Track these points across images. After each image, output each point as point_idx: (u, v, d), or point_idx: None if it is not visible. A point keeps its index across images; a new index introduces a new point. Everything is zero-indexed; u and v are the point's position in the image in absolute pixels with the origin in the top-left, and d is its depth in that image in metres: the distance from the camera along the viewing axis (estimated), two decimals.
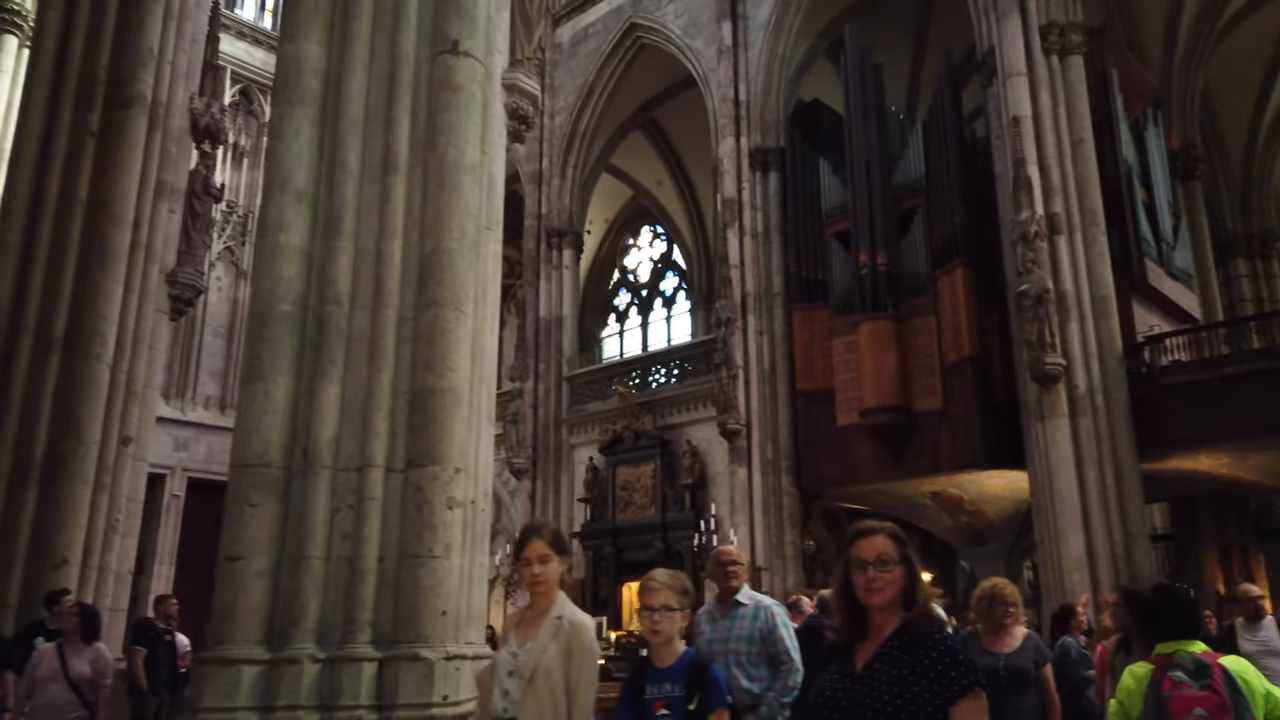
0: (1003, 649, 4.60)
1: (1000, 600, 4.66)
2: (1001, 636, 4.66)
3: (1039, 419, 12.59)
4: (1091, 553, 11.83)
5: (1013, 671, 4.50)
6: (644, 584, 2.96)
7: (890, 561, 2.16)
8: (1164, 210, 15.08)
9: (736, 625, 4.36)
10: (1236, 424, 11.67)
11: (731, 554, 4.65)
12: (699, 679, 2.83)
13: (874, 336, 14.86)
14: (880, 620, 2.17)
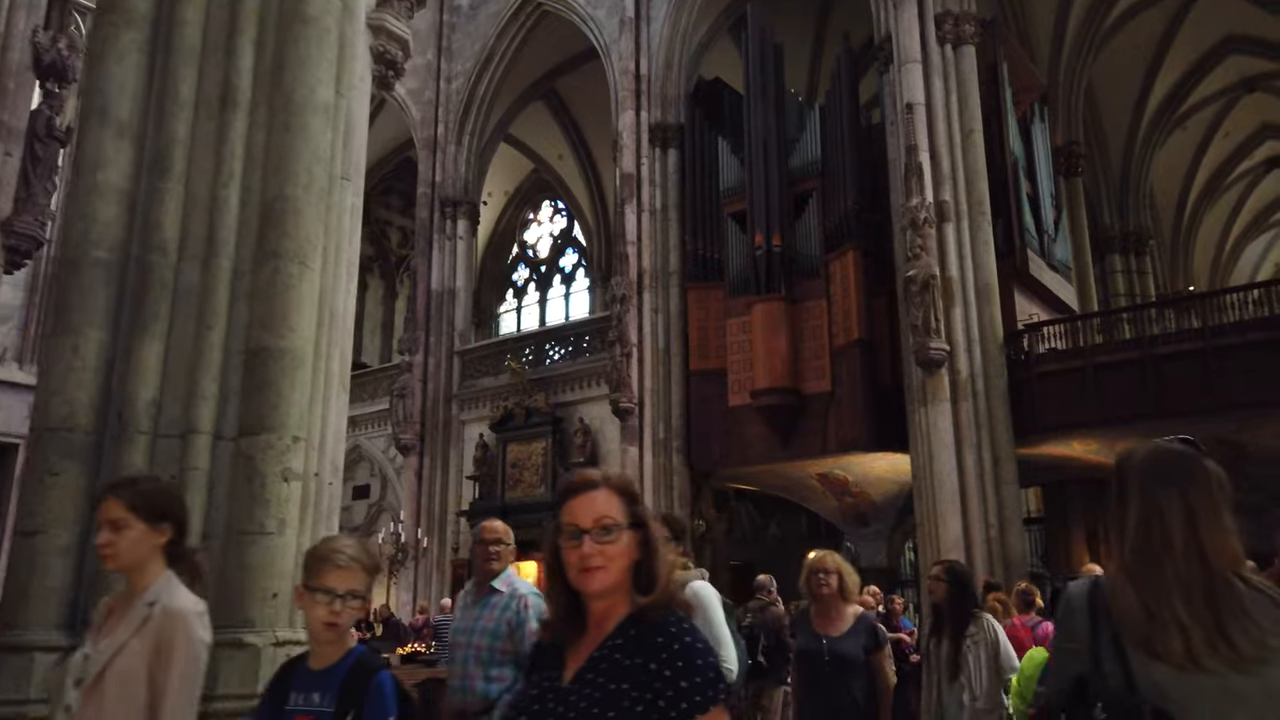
0: (829, 631, 4.19)
1: (816, 569, 4.22)
2: (830, 617, 4.23)
3: (922, 403, 12.79)
4: (968, 535, 12.11)
5: (838, 658, 4.09)
6: (323, 554, 2.24)
7: (614, 527, 1.59)
8: (1046, 204, 15.52)
9: (485, 615, 3.72)
10: (1107, 411, 12.09)
11: (495, 530, 4.00)
12: (357, 689, 2.16)
13: (767, 318, 14.86)
14: (602, 610, 1.62)
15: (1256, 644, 1.45)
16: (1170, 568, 1.50)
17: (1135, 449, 1.66)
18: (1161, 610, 1.49)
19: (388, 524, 18.45)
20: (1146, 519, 1.54)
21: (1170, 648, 1.48)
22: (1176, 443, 1.63)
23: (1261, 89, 20.98)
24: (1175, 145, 22.11)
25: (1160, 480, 1.56)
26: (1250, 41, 19.45)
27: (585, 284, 26.71)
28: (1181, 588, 1.49)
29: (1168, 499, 1.53)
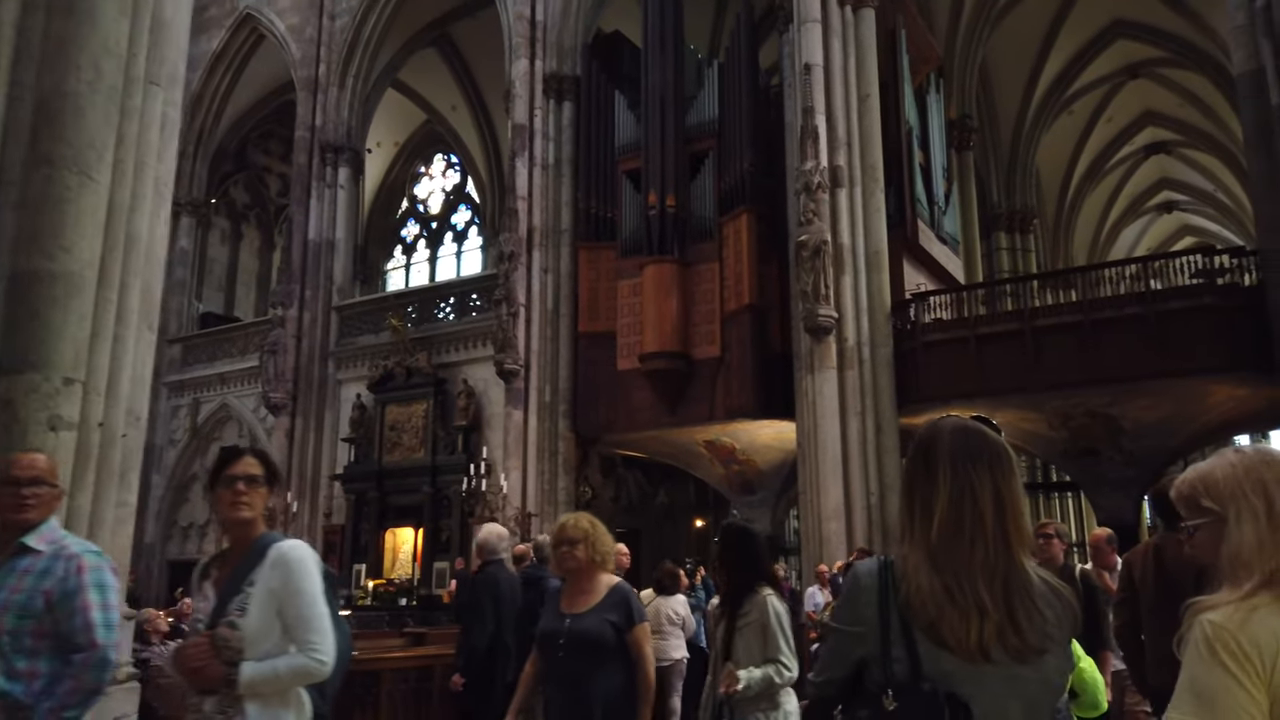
0: (574, 609, 3.38)
1: (559, 540, 3.43)
2: (578, 592, 3.42)
3: (810, 370, 12.66)
4: (849, 502, 12.07)
5: (576, 639, 3.29)
6: None
7: None
8: (939, 175, 15.57)
9: (12, 584, 2.55)
10: (988, 382, 12.21)
11: (34, 466, 2.69)
12: None
13: (658, 280, 14.48)
14: None
15: (1040, 634, 1.44)
16: (980, 550, 1.46)
17: (941, 423, 1.60)
18: (965, 594, 1.45)
19: None
20: (959, 498, 1.49)
21: (962, 635, 1.44)
22: (978, 422, 1.60)
23: (1145, 75, 21.63)
24: (1062, 128, 22.66)
25: (971, 459, 1.51)
26: (1137, 27, 19.95)
27: (478, 242, 25.81)
28: (987, 572, 1.46)
29: (979, 478, 1.49)
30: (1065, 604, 1.52)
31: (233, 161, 24.53)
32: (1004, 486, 1.50)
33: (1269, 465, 1.35)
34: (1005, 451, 1.55)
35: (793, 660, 3.52)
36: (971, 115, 18.58)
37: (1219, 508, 1.36)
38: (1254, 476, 1.34)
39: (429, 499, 16.18)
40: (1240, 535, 1.32)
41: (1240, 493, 1.34)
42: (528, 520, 14.58)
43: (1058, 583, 1.54)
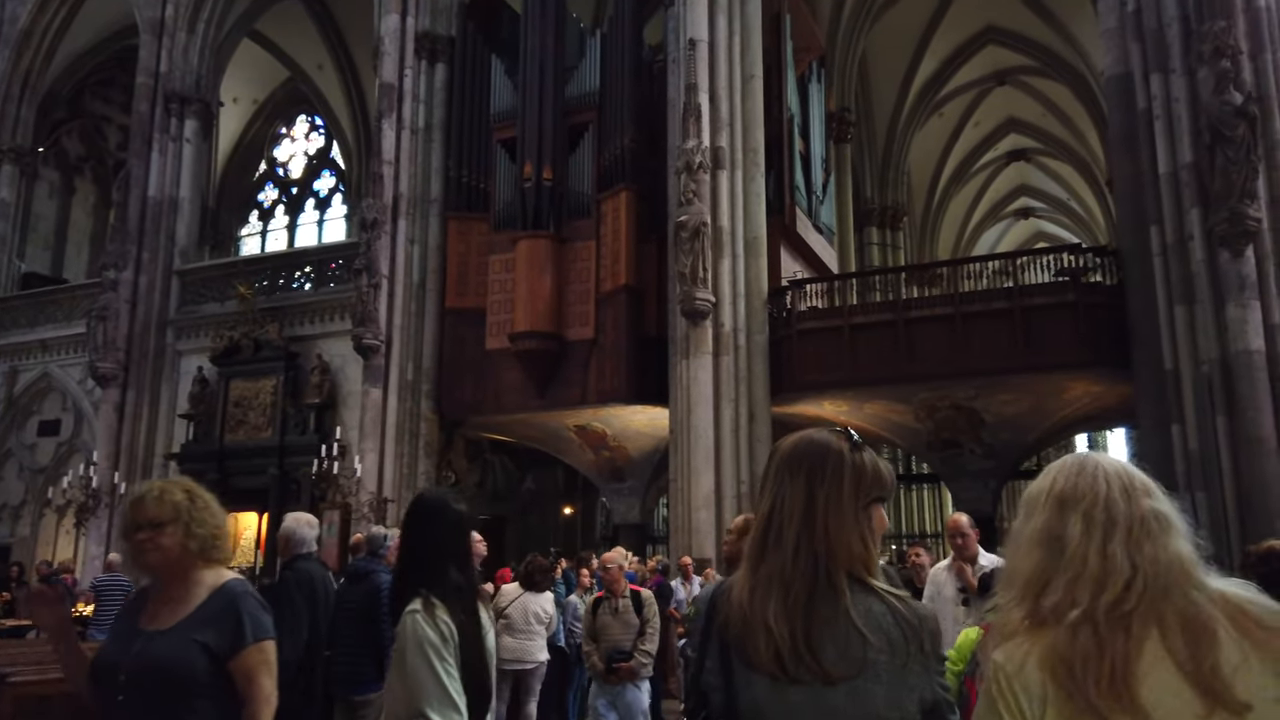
0: (153, 623, 2.19)
1: (133, 521, 2.27)
2: (161, 602, 2.23)
3: (685, 355, 12.32)
4: (719, 491, 11.82)
5: (141, 671, 2.10)
6: None
7: None
8: (818, 165, 15.52)
9: None
10: (861, 371, 12.16)
11: None
12: None
13: (532, 256, 13.83)
14: None
15: (848, 658, 1.35)
16: (777, 564, 1.40)
17: (798, 435, 1.54)
18: (755, 612, 1.39)
19: (79, 466, 15.79)
20: (770, 511, 1.45)
21: (761, 655, 1.37)
22: (828, 433, 1.51)
23: (1011, 82, 22.41)
24: (934, 128, 23.27)
25: (792, 470, 1.46)
26: (1008, 34, 20.61)
27: (343, 211, 24.42)
28: (782, 588, 1.39)
29: (793, 489, 1.44)
30: (909, 628, 1.37)
31: (66, 108, 22.29)
32: (823, 498, 1.42)
33: (1056, 486, 1.22)
34: (840, 463, 1.45)
35: (452, 712, 2.18)
36: (850, 109, 18.71)
37: None
38: (1036, 494, 1.24)
39: (275, 482, 15.04)
40: (1006, 555, 1.26)
41: (1020, 510, 1.26)
42: (383, 506, 13.71)
43: (910, 606, 1.41)
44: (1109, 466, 1.20)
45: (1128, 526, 1.14)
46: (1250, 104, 9.25)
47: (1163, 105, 10.17)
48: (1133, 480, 1.19)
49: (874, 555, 1.43)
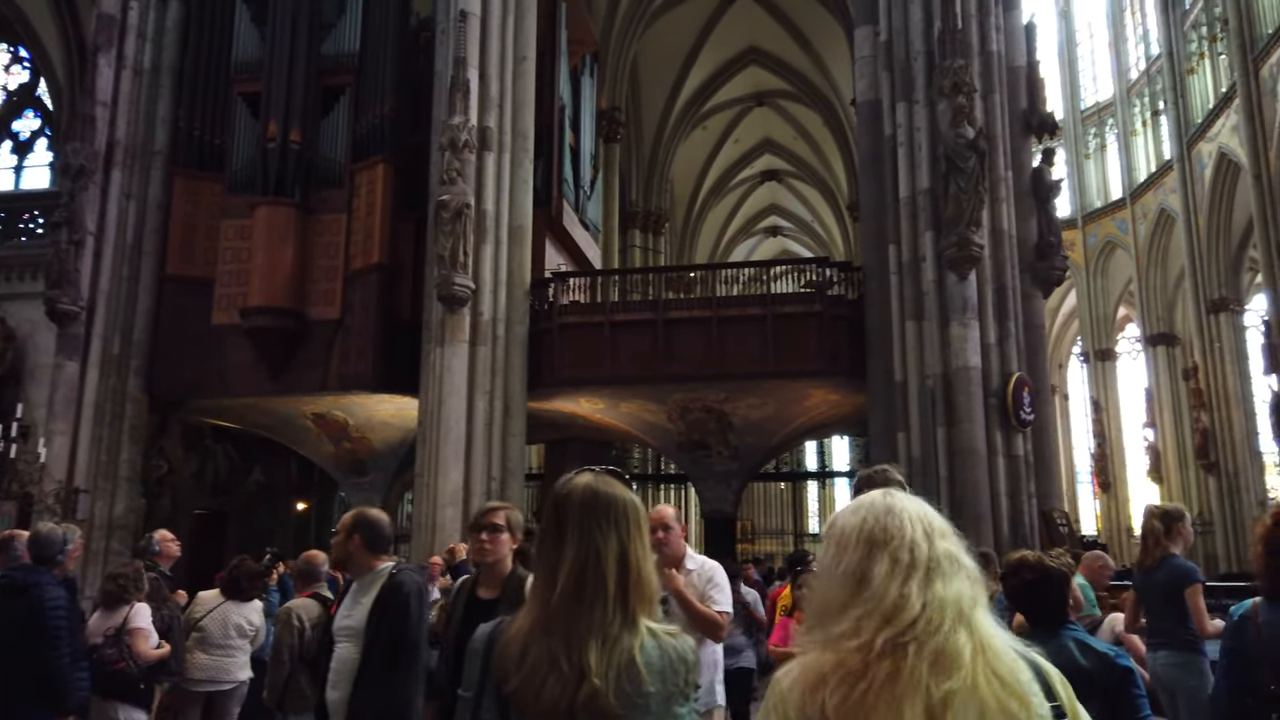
0: None
1: None
2: None
3: (439, 342, 11.64)
4: (468, 487, 11.24)
5: None
6: None
7: None
8: (586, 160, 15.38)
9: None
10: (620, 369, 12.06)
11: None
12: None
13: (272, 224, 12.54)
14: None
15: (628, 697, 1.42)
16: (600, 612, 1.45)
17: (573, 481, 1.58)
18: (572, 659, 1.42)
19: None
20: (584, 561, 1.47)
21: (554, 699, 1.41)
22: (606, 474, 1.57)
23: (769, 104, 23.58)
24: (697, 140, 24.02)
25: (600, 520, 1.50)
26: (769, 57, 21.63)
27: (48, 158, 21.16)
28: (600, 635, 1.44)
29: (606, 540, 1.48)
30: (678, 664, 1.48)
31: None
32: (630, 547, 1.49)
33: (867, 524, 1.27)
34: (633, 509, 1.54)
35: None
36: (621, 109, 18.79)
37: None
38: (847, 531, 1.28)
39: None
40: (813, 586, 1.30)
41: (829, 544, 1.30)
42: (73, 497, 11.85)
43: (677, 643, 1.51)
44: (913, 509, 1.28)
45: (926, 567, 1.21)
46: (980, 139, 10.09)
47: (906, 133, 10.89)
48: (932, 523, 1.27)
49: (658, 593, 1.52)
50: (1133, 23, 28.22)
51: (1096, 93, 29.68)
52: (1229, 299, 22.63)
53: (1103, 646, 2.38)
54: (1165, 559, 3.86)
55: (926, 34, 10.82)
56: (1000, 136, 10.84)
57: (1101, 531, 25.30)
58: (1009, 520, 10.10)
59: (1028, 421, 10.42)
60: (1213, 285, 22.66)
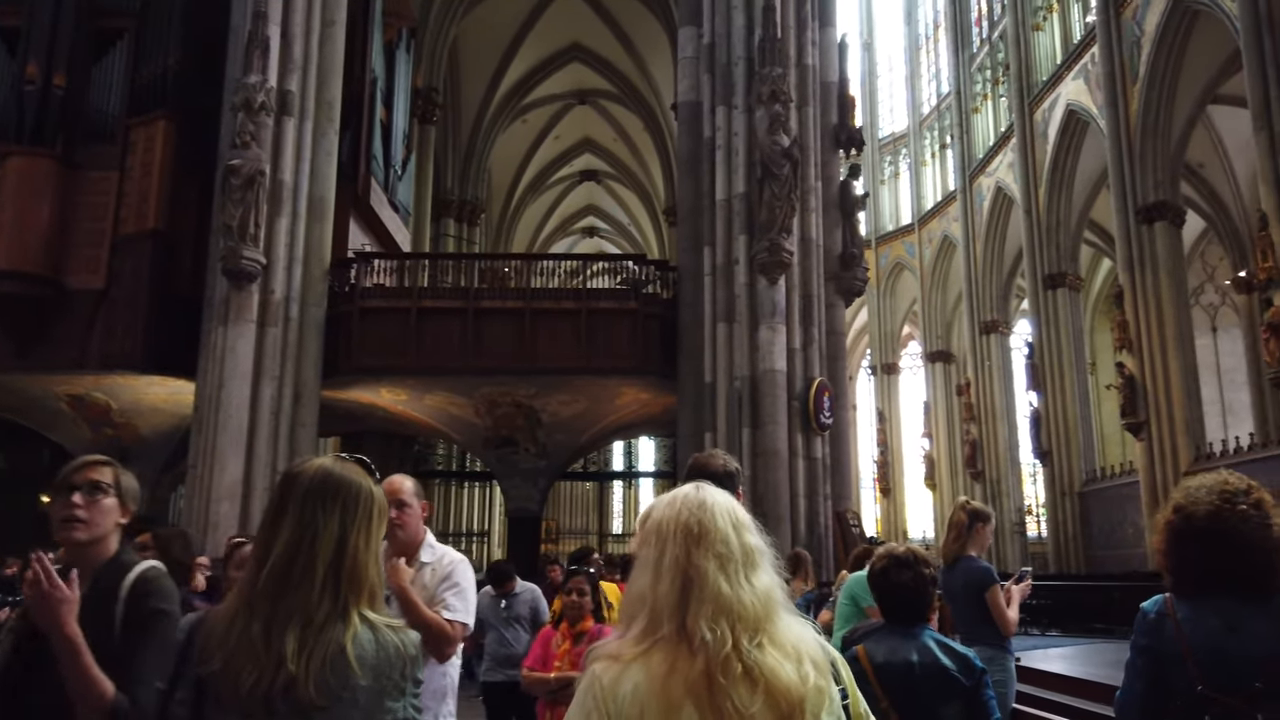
0: None
1: None
2: None
3: (223, 321, 10.62)
4: (249, 480, 10.29)
5: None
6: None
7: None
8: (399, 139, 14.61)
9: None
10: (427, 359, 11.43)
11: None
12: None
13: (27, 178, 11.04)
14: None
15: (327, 689, 1.34)
16: (304, 597, 1.38)
17: (306, 464, 1.50)
18: (270, 644, 1.34)
19: None
20: (298, 542, 1.40)
21: (243, 691, 1.33)
22: (350, 461, 1.53)
23: (591, 103, 23.47)
24: (518, 133, 23.54)
25: (324, 504, 1.44)
26: (592, 55, 21.51)
27: None
28: (303, 620, 1.36)
29: (325, 525, 1.42)
30: (393, 656, 1.41)
31: None
32: (351, 535, 1.43)
33: (682, 517, 1.28)
34: (365, 497, 1.48)
35: None
36: (439, 91, 18.04)
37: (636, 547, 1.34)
38: (665, 525, 1.29)
39: None
40: (633, 579, 1.29)
41: (648, 538, 1.30)
42: None
43: (399, 636, 1.44)
44: (722, 502, 1.30)
45: (741, 560, 1.25)
46: (794, 148, 10.36)
47: (725, 136, 11.01)
48: (739, 517, 1.30)
49: (381, 586, 1.46)
50: (927, 60, 30.45)
51: (893, 123, 31.83)
52: (999, 321, 24.78)
53: (960, 647, 2.41)
54: (961, 560, 3.93)
55: (748, 40, 11.00)
56: (812, 148, 11.18)
57: (881, 534, 26.97)
58: (805, 520, 10.40)
59: (827, 425, 10.77)
60: (986, 308, 24.73)
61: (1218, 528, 1.77)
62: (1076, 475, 20.41)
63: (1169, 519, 1.86)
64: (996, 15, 24.80)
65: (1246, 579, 1.75)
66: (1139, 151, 17.41)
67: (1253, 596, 1.75)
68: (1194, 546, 1.80)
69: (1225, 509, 1.78)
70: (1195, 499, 1.83)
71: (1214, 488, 1.83)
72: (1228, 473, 1.89)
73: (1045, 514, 22.43)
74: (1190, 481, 1.90)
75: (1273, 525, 1.77)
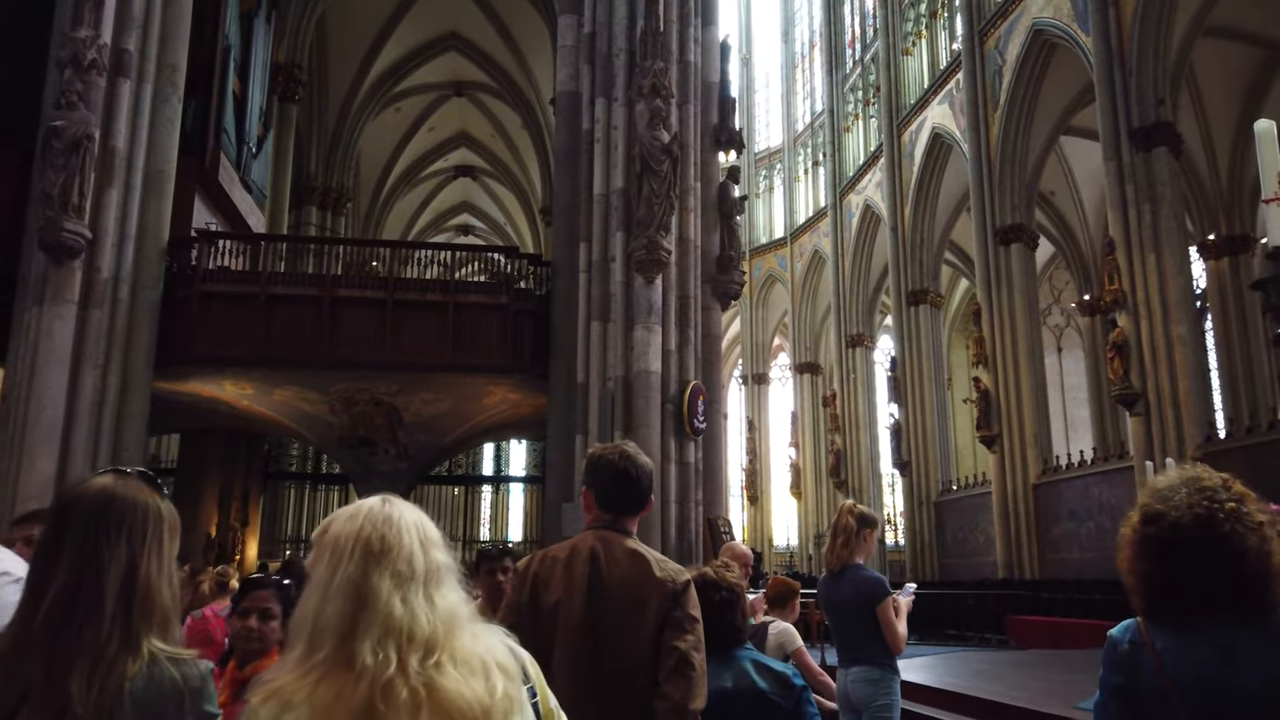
0: None
1: None
2: None
3: (39, 300, 9.49)
4: (63, 478, 9.17)
5: None
6: None
7: None
8: (254, 115, 13.58)
9: None
10: (275, 349, 10.51)
11: None
12: None
13: None
14: None
15: None
16: (91, 635, 1.25)
17: (85, 486, 1.36)
18: (53, 687, 1.21)
19: None
20: (80, 575, 1.27)
21: None
22: (135, 478, 1.38)
23: (469, 96, 22.73)
24: (389, 121, 22.55)
25: (105, 528, 1.30)
26: (471, 46, 20.81)
27: None
28: (91, 660, 1.23)
29: (111, 552, 1.29)
30: (172, 689, 1.26)
31: None
32: (142, 560, 1.31)
33: (364, 533, 1.22)
34: (154, 517, 1.36)
35: None
36: (303, 68, 16.98)
37: None
38: (343, 540, 1.21)
39: None
40: (303, 600, 1.21)
41: (322, 554, 1.22)
42: None
43: (180, 668, 1.29)
44: (409, 517, 1.26)
45: (424, 579, 1.21)
46: (675, 145, 10.11)
47: (604, 129, 10.67)
48: (427, 532, 1.27)
49: (175, 610, 1.34)
50: (803, 79, 31.17)
51: (769, 138, 32.45)
52: (864, 335, 25.47)
53: (779, 666, 2.36)
54: (848, 568, 3.63)
55: (630, 32, 10.71)
56: (692, 146, 10.98)
57: (748, 541, 27.23)
58: (677, 526, 10.13)
59: (701, 430, 10.55)
60: (852, 322, 25.39)
61: (1208, 536, 1.43)
62: (933, 485, 21.10)
63: (1142, 530, 1.49)
64: (869, 38, 25.58)
65: (1242, 596, 1.41)
66: (998, 175, 18.17)
67: (1250, 617, 1.40)
68: (1178, 561, 1.44)
69: (1215, 511, 1.44)
70: (1174, 502, 1.48)
71: (1192, 486, 1.49)
72: (1195, 465, 1.55)
73: (903, 523, 23.11)
74: (1157, 482, 1.54)
75: (1263, 524, 1.43)
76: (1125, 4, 14.32)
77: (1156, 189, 13.81)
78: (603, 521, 2.22)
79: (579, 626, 2.06)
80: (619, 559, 2.12)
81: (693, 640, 2.04)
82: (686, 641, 2.03)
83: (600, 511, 2.23)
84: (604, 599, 2.08)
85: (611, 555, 2.14)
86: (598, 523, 2.22)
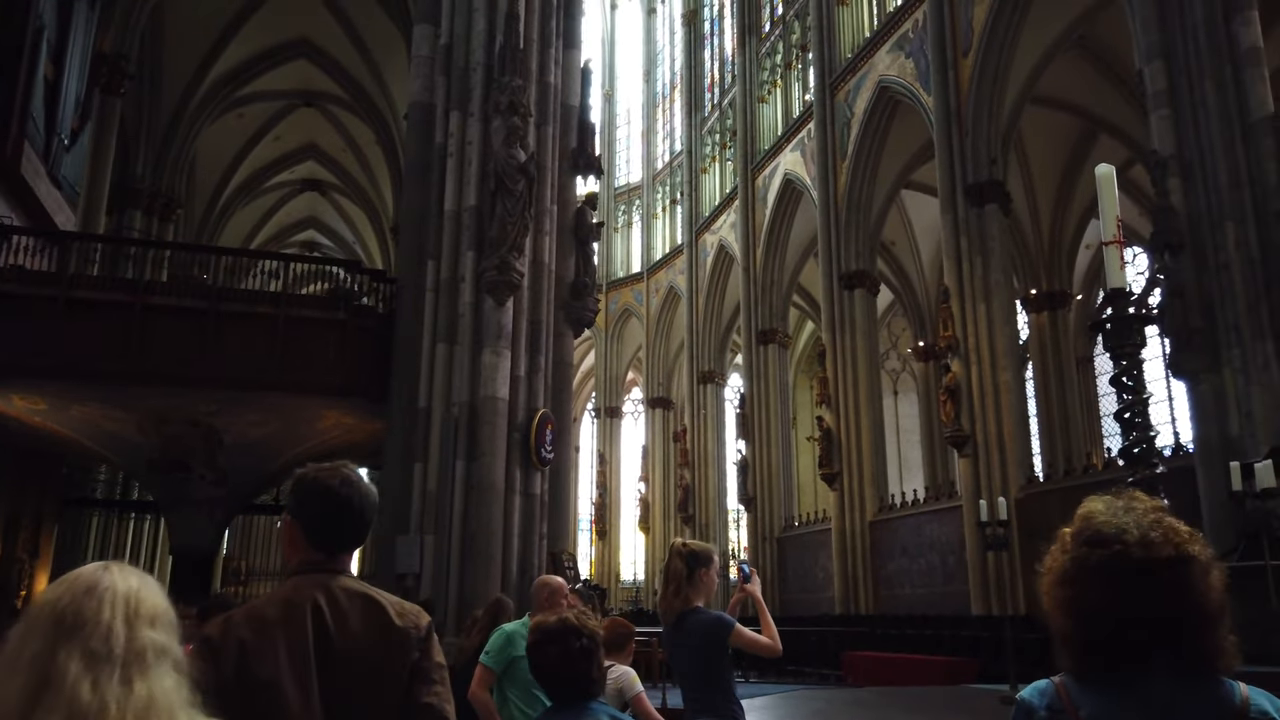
0: None
1: None
2: None
3: None
4: None
5: None
6: None
7: None
8: (70, 105, 12.33)
9: None
10: (73, 359, 9.42)
11: None
12: None
13: None
14: None
15: None
16: None
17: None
18: None
19: None
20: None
21: None
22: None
23: (319, 107, 21.72)
24: (230, 126, 21.24)
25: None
26: (322, 55, 19.91)
27: None
28: None
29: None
30: None
31: None
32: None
33: (61, 604, 1.08)
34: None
35: None
36: (130, 60, 15.68)
37: None
38: (38, 612, 1.09)
39: None
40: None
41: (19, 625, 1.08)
42: None
43: None
44: (121, 588, 1.11)
45: (124, 660, 1.06)
46: (531, 164, 9.82)
47: (458, 144, 10.26)
48: (140, 606, 1.11)
49: None
50: (663, 119, 31.71)
51: (629, 174, 32.74)
52: (715, 372, 25.83)
53: None
54: (688, 615, 3.33)
55: (488, 46, 10.39)
56: (550, 169, 10.72)
57: (594, 576, 26.86)
58: (519, 561, 9.68)
59: (548, 460, 10.19)
60: (704, 359, 25.72)
61: (1162, 562, 1.16)
62: (777, 521, 21.45)
63: (1087, 553, 1.19)
64: (728, 83, 26.28)
65: (1192, 639, 1.15)
66: (844, 222, 18.87)
67: (1192, 674, 1.15)
68: (1111, 595, 1.16)
69: (1171, 536, 1.17)
70: (1119, 523, 1.20)
71: (1140, 509, 1.22)
72: (1130, 490, 1.28)
73: (748, 559, 23.38)
74: (1091, 505, 1.25)
75: (1213, 557, 1.18)
76: (963, 68, 15.21)
77: (988, 243, 14.63)
78: (314, 563, 1.75)
79: (305, 710, 1.61)
80: (349, 614, 1.69)
81: (443, 691, 1.67)
82: (438, 695, 1.66)
83: (310, 550, 1.76)
84: (336, 668, 1.65)
85: (339, 610, 1.69)
86: (308, 565, 1.75)
